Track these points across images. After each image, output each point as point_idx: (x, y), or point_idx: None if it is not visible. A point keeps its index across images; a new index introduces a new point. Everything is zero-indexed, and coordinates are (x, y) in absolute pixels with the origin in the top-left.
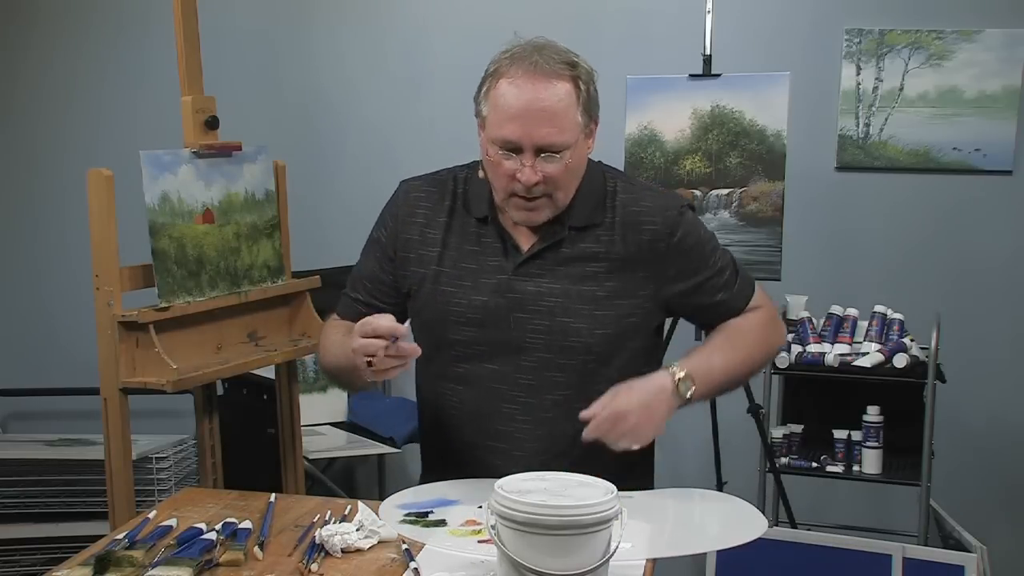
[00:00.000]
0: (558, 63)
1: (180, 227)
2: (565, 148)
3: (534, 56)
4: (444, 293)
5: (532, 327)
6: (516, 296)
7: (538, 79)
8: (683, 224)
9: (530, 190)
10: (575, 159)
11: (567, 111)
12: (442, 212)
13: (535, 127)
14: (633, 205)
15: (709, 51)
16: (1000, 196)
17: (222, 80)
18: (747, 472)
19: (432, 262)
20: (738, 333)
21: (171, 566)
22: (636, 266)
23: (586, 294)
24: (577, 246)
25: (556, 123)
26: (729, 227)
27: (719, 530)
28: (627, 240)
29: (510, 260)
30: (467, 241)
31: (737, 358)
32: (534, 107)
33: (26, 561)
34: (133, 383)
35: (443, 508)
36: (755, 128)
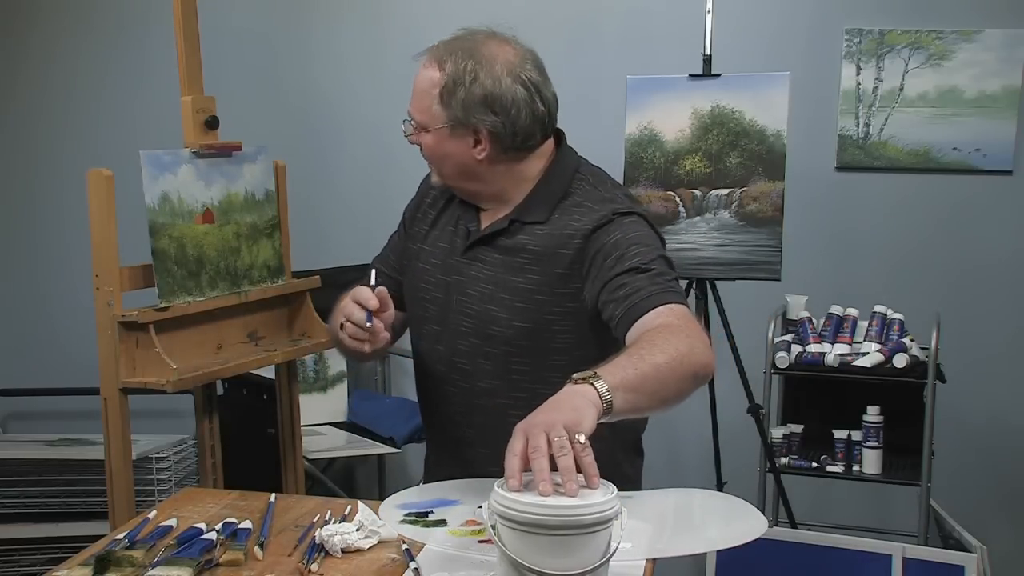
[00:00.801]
0: (442, 53)
1: (180, 227)
2: (422, 127)
3: (443, 41)
4: (419, 270)
5: (466, 311)
6: (460, 279)
7: (423, 60)
8: (612, 225)
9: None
10: (434, 145)
11: (424, 95)
12: (444, 196)
13: (411, 98)
14: (576, 206)
15: (709, 51)
16: (1000, 196)
17: (222, 80)
18: (747, 472)
19: (420, 239)
20: (646, 341)
21: (171, 566)
22: (556, 261)
23: (511, 284)
24: (515, 238)
25: (416, 101)
26: (729, 227)
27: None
28: (553, 235)
29: (460, 243)
30: (448, 221)
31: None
32: (414, 81)
33: (26, 561)
34: (133, 383)
35: (443, 508)
36: (755, 128)
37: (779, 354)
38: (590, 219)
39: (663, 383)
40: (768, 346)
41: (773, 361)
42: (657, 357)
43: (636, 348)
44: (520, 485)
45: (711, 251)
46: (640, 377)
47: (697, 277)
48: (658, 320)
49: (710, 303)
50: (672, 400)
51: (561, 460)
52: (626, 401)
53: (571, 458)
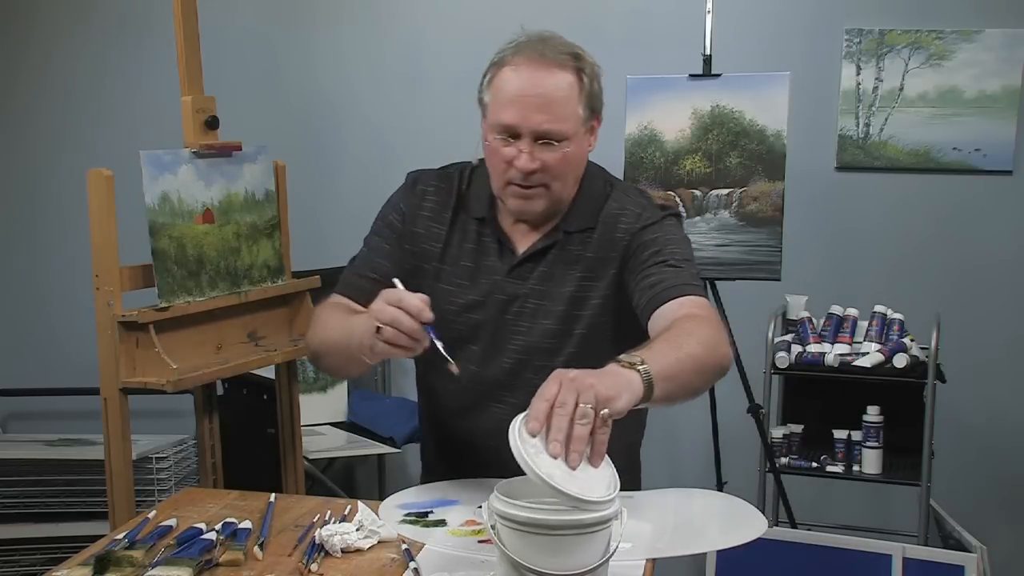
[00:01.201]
0: (562, 53)
1: (180, 227)
2: (564, 138)
3: (539, 46)
4: (442, 291)
5: (516, 329)
6: (505, 299)
7: (540, 66)
8: (656, 225)
9: (527, 178)
10: (574, 152)
11: (567, 101)
12: (447, 208)
13: (533, 112)
14: (617, 209)
15: (709, 51)
16: (1000, 196)
17: (222, 80)
18: (747, 472)
19: (434, 258)
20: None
21: (171, 566)
22: (610, 264)
23: (564, 295)
24: (565, 249)
25: (555, 111)
26: (729, 227)
27: (719, 530)
28: (601, 241)
29: (504, 262)
30: (467, 239)
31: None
32: (533, 92)
33: (26, 561)
34: (133, 383)
35: (443, 508)
36: (755, 128)
37: (779, 354)
38: (637, 220)
39: (697, 374)
40: (768, 346)
41: (773, 361)
42: (695, 348)
43: (673, 335)
44: (541, 428)
45: (711, 251)
46: (679, 367)
47: None
48: (681, 311)
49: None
50: (699, 392)
51: (578, 427)
52: (664, 391)
53: (588, 429)
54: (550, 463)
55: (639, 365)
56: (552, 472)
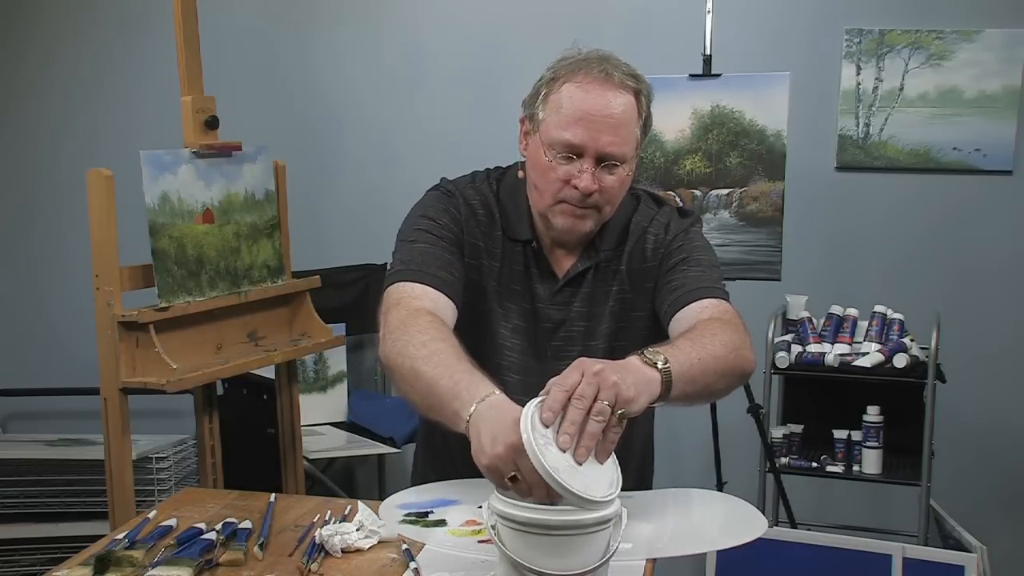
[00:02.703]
0: (625, 74)
1: (180, 227)
2: (624, 160)
3: (602, 64)
4: (497, 313)
5: (564, 354)
6: (551, 326)
7: (608, 87)
8: (686, 235)
9: (584, 199)
10: (628, 175)
11: (630, 123)
12: (496, 227)
13: (601, 133)
14: (645, 221)
15: (709, 51)
16: (1000, 196)
17: (222, 80)
18: (747, 472)
19: (493, 277)
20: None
21: (171, 566)
22: (647, 276)
23: (605, 312)
24: (602, 269)
25: (620, 133)
26: (729, 227)
27: (719, 530)
28: (634, 253)
29: (546, 287)
30: (516, 262)
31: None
32: (602, 113)
33: (26, 561)
34: (133, 383)
35: (443, 508)
36: (755, 128)
37: (779, 354)
38: (666, 232)
39: (718, 376)
40: (768, 346)
41: (773, 361)
42: (717, 348)
43: (696, 335)
44: (555, 419)
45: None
46: (701, 367)
47: None
48: (703, 314)
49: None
50: (720, 394)
51: (592, 424)
52: (682, 391)
53: (601, 427)
54: (557, 456)
55: (661, 364)
56: (558, 466)
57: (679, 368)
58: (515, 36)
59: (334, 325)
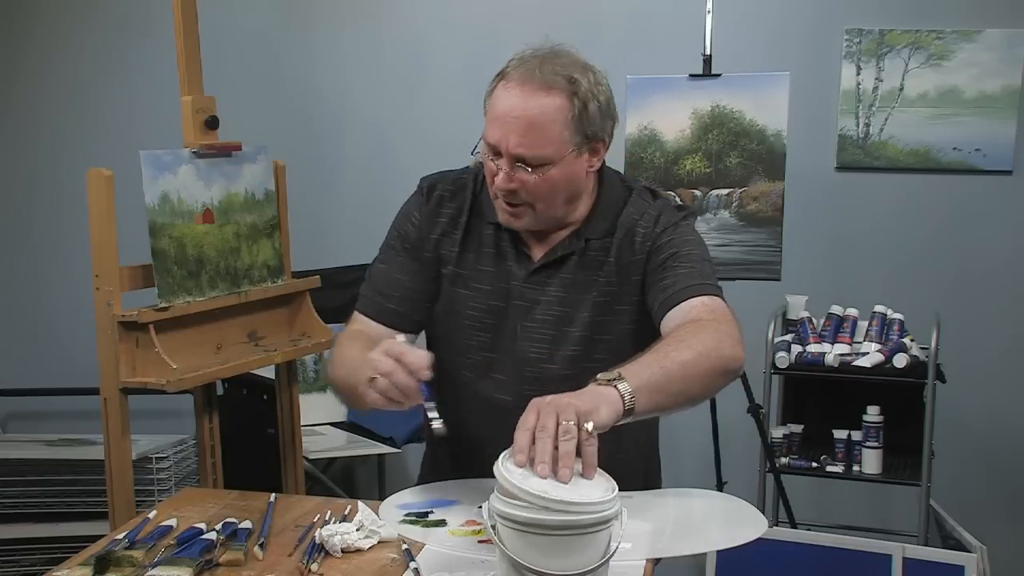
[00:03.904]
0: (557, 75)
1: (180, 227)
2: (543, 163)
3: (535, 63)
4: (460, 296)
5: (539, 336)
6: (525, 304)
7: (528, 88)
8: (674, 228)
9: (508, 196)
10: (559, 175)
11: (550, 125)
12: (463, 213)
13: (511, 134)
14: (636, 214)
15: (709, 51)
16: (1000, 196)
17: (222, 80)
18: (747, 472)
19: (451, 263)
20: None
21: (171, 566)
22: (631, 271)
23: (588, 302)
24: (586, 255)
25: (533, 135)
26: (729, 227)
27: (719, 530)
28: (622, 247)
29: (522, 267)
30: (485, 244)
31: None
32: (514, 114)
33: (26, 561)
34: (133, 383)
35: (443, 508)
36: (755, 128)
37: (779, 354)
38: (656, 224)
39: (689, 381)
40: (768, 346)
41: (773, 361)
42: (684, 354)
43: (663, 345)
44: (527, 460)
45: (711, 251)
46: (665, 376)
47: None
48: (692, 312)
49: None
50: (699, 397)
51: (563, 444)
52: (650, 401)
53: (573, 444)
54: (540, 482)
55: (616, 381)
56: (544, 488)
57: (639, 381)
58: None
59: (334, 325)
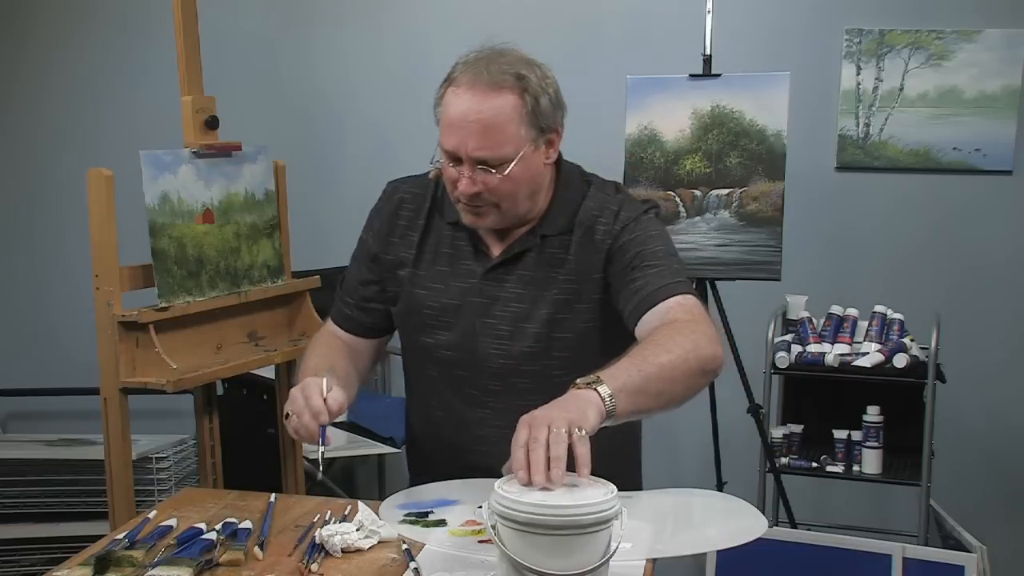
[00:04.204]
0: (505, 74)
1: (180, 227)
2: (503, 162)
3: (481, 66)
4: (417, 295)
5: (497, 332)
6: (484, 301)
7: (479, 91)
8: (635, 224)
9: (471, 199)
10: (520, 172)
11: (506, 125)
12: (422, 214)
13: (469, 139)
14: (595, 210)
15: (709, 51)
16: (1000, 196)
17: (222, 80)
18: (747, 472)
19: (409, 264)
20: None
21: (171, 566)
22: (591, 268)
23: (547, 299)
24: (544, 252)
25: (491, 137)
26: (729, 227)
27: (719, 530)
28: (582, 244)
29: (480, 264)
30: (442, 244)
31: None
32: (469, 119)
33: (26, 561)
34: (133, 383)
35: (443, 508)
36: (755, 128)
37: (779, 354)
38: (616, 220)
39: (669, 382)
40: (768, 346)
41: (773, 361)
42: (661, 357)
43: (641, 349)
44: (528, 477)
45: (711, 251)
46: (644, 379)
47: (697, 277)
48: (668, 314)
49: (710, 303)
50: (680, 398)
51: (553, 448)
52: (631, 403)
53: (564, 447)
54: (537, 494)
55: (596, 385)
56: (543, 499)
57: (618, 384)
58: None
59: None
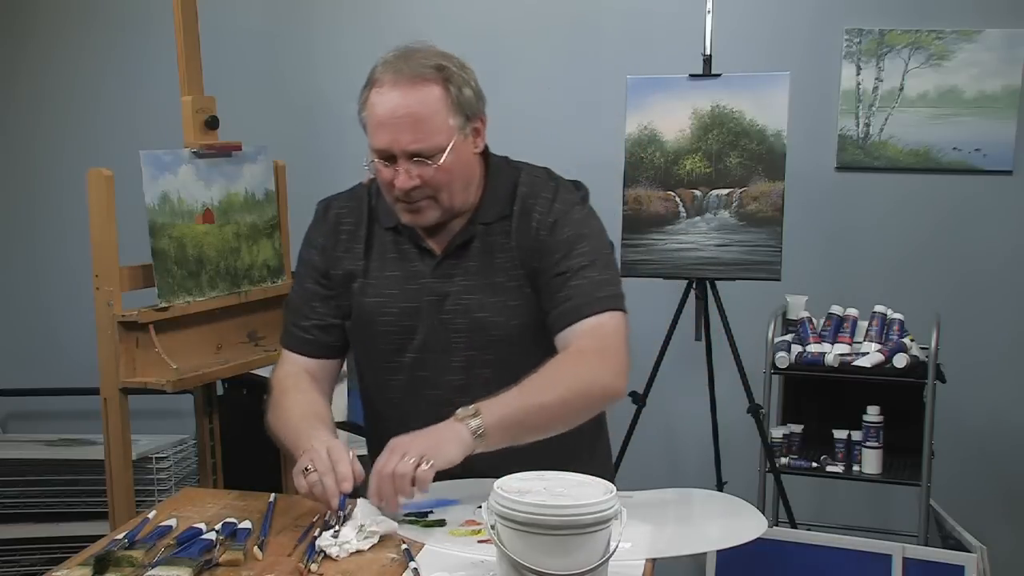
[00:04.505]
0: (425, 67)
1: (180, 227)
2: (436, 152)
3: (400, 63)
4: (370, 304)
5: (454, 327)
6: (436, 299)
7: (403, 86)
8: (567, 217)
9: (409, 194)
10: (454, 161)
11: (435, 116)
12: (362, 225)
13: (401, 134)
14: (530, 195)
15: (709, 51)
16: (1000, 196)
17: (222, 80)
18: (747, 472)
19: (359, 275)
20: (547, 373)
21: (171, 566)
22: (532, 255)
23: (498, 286)
24: (486, 240)
25: (422, 129)
26: (729, 227)
27: (719, 530)
28: (521, 228)
29: (426, 263)
30: (387, 250)
31: (542, 395)
32: (399, 114)
33: (26, 561)
34: (133, 383)
35: (443, 508)
36: (755, 128)
37: (779, 354)
38: (549, 211)
39: (548, 419)
40: (768, 346)
41: (773, 361)
42: (545, 396)
43: (532, 382)
44: (380, 502)
45: (711, 251)
46: (524, 414)
47: (697, 277)
48: (579, 341)
49: (710, 303)
50: (564, 427)
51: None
52: (506, 436)
53: (407, 480)
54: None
55: (471, 418)
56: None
57: (494, 419)
58: (515, 36)
59: None
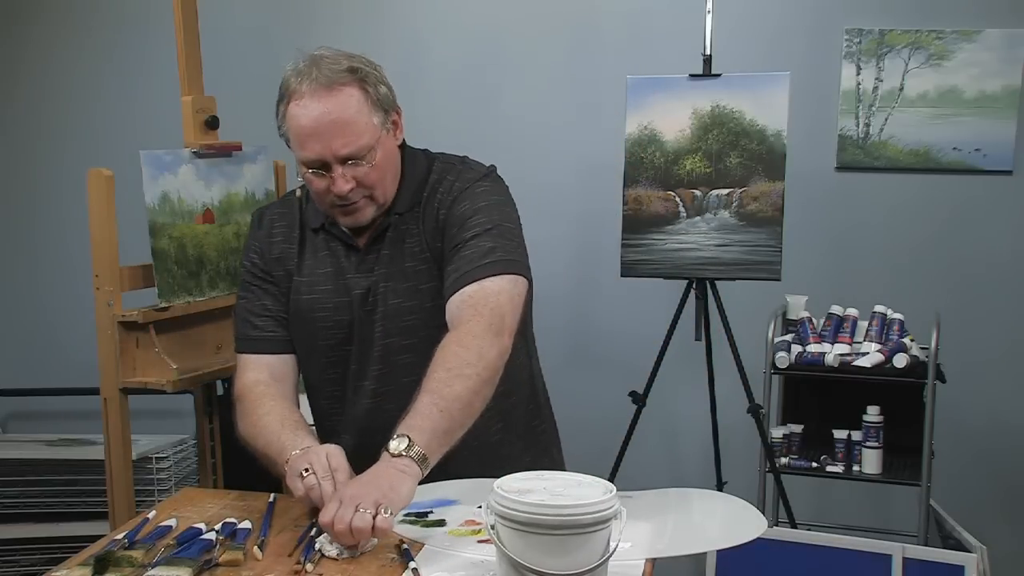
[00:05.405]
0: (339, 72)
1: (180, 227)
2: (367, 152)
3: (313, 71)
4: (305, 303)
5: (375, 318)
6: (361, 292)
7: (321, 94)
8: (465, 194)
9: (347, 196)
10: (382, 157)
11: (357, 116)
12: (294, 228)
13: (331, 140)
14: (437, 182)
15: (709, 51)
16: (1000, 196)
17: (222, 80)
18: (747, 472)
19: (296, 274)
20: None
21: (171, 566)
22: (435, 236)
23: (408, 271)
24: (399, 229)
25: (350, 132)
26: (729, 227)
27: (719, 530)
28: (427, 213)
29: (352, 259)
30: (319, 249)
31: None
32: (324, 121)
33: (26, 561)
34: (133, 383)
35: (443, 508)
36: (755, 128)
37: (779, 354)
38: (451, 190)
39: (467, 407)
40: (768, 346)
41: (773, 361)
42: (455, 386)
43: (435, 380)
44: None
45: (711, 251)
46: (448, 417)
47: (697, 277)
48: (460, 312)
49: (710, 303)
50: (479, 411)
51: (356, 522)
52: (442, 446)
53: (367, 523)
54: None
55: (408, 450)
56: (544, 498)
57: (426, 437)
58: (515, 36)
59: None
